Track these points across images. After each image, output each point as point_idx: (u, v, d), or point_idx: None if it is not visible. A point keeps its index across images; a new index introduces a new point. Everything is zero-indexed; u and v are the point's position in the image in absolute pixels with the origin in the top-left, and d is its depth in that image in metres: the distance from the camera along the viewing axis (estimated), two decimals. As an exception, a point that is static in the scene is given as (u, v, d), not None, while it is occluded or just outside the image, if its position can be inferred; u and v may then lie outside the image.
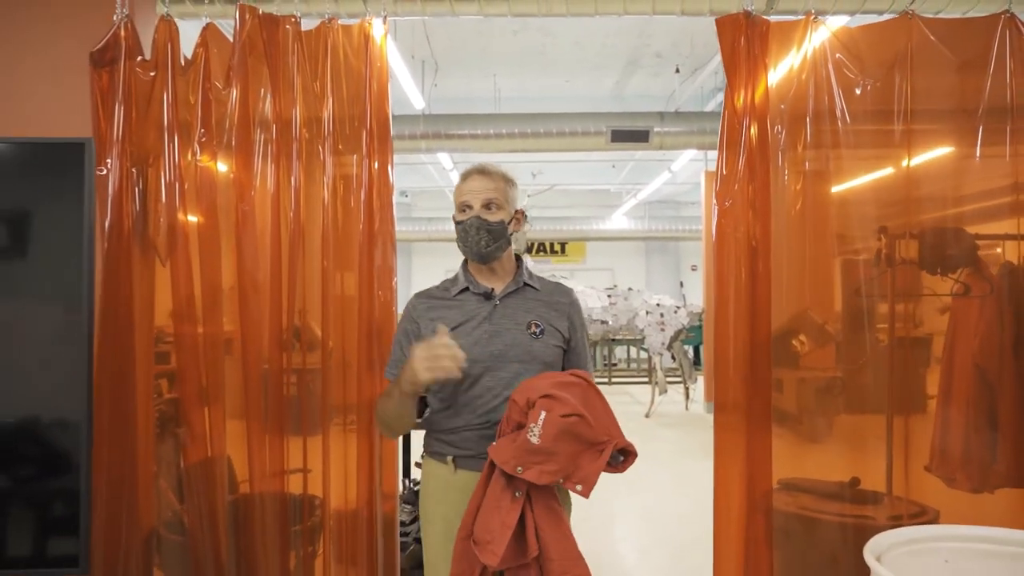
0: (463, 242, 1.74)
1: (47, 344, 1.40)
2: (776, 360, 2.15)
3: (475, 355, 1.66)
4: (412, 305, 1.81)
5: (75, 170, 1.41)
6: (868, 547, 1.50)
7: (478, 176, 1.77)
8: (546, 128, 6.74)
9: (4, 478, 1.38)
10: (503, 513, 1.49)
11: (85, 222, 1.42)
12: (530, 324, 1.73)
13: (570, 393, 1.52)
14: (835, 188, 2.06)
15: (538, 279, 1.85)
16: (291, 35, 1.95)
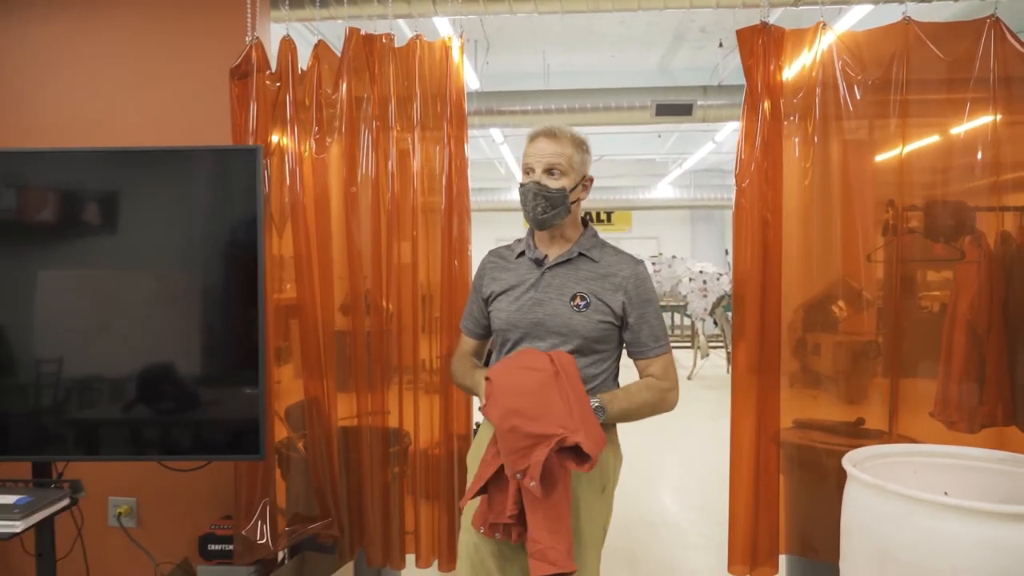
0: (524, 206, 1.71)
1: (234, 302, 1.91)
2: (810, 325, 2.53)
3: (516, 320, 1.70)
4: (484, 262, 1.87)
5: (249, 168, 1.90)
6: (846, 458, 1.91)
7: (545, 139, 1.70)
8: (592, 103, 7.05)
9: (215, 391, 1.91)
10: (483, 466, 1.55)
11: (258, 209, 1.91)
12: (575, 296, 1.68)
13: (520, 379, 1.51)
14: (841, 168, 2.41)
15: (604, 248, 1.79)
16: (387, 49, 2.40)
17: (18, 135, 2.73)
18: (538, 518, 1.46)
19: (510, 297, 1.74)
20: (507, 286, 1.76)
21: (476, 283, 1.87)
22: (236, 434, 1.95)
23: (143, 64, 2.68)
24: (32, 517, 1.78)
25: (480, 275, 1.86)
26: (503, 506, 1.50)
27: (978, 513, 1.53)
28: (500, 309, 1.76)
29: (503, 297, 1.76)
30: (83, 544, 2.24)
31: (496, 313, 1.77)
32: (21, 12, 2.74)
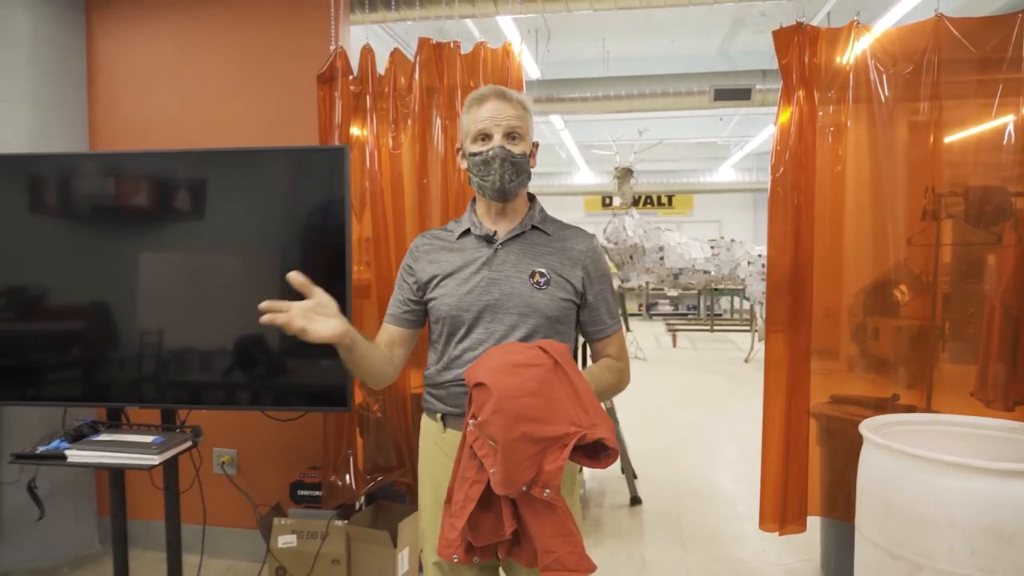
0: (481, 176, 1.55)
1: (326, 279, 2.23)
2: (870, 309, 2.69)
3: (468, 304, 1.55)
4: (415, 245, 1.68)
5: (338, 165, 2.23)
6: (863, 424, 2.10)
7: (498, 101, 1.56)
8: (651, 89, 7.18)
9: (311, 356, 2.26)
10: (468, 486, 1.37)
11: (346, 201, 2.23)
12: (534, 273, 1.55)
13: (519, 379, 1.31)
14: (873, 157, 2.57)
15: (554, 222, 1.67)
16: (454, 54, 2.68)
17: (135, 134, 3.16)
18: (544, 526, 1.33)
19: (457, 279, 1.57)
20: (452, 268, 1.59)
21: (404, 267, 1.67)
22: (327, 392, 2.30)
23: (239, 71, 3.06)
24: (166, 453, 2.17)
25: (412, 258, 1.66)
26: (496, 525, 1.36)
27: (973, 469, 1.72)
28: (446, 294, 1.57)
29: (448, 280, 1.58)
30: (200, 483, 2.65)
31: (441, 299, 1.58)
32: (136, 29, 3.16)
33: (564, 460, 1.27)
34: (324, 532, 2.81)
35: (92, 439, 2.23)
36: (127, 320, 2.38)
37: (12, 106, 2.98)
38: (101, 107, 3.20)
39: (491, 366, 1.35)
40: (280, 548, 2.84)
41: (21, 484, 3.01)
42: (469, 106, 1.60)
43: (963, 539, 1.71)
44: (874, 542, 1.93)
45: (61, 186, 2.45)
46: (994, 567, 1.68)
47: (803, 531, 2.61)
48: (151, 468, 2.13)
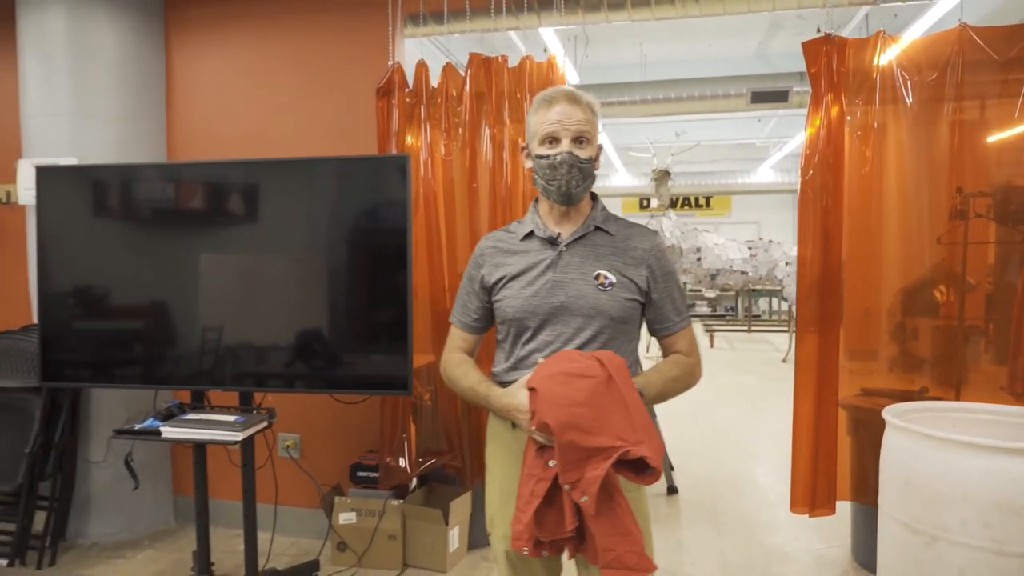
0: (548, 180, 1.56)
1: (390, 276, 2.49)
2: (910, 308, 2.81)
3: (534, 307, 1.56)
4: (479, 250, 1.70)
5: (400, 171, 2.46)
6: (886, 410, 2.25)
7: (567, 104, 1.55)
8: (689, 92, 7.30)
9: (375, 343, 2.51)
10: (533, 482, 1.42)
11: (407, 202, 2.47)
12: (599, 274, 1.56)
13: (570, 388, 1.37)
14: (901, 160, 2.70)
15: (617, 221, 1.66)
16: (502, 67, 2.90)
17: (209, 144, 3.45)
18: (603, 524, 1.37)
19: (522, 282, 1.59)
20: (517, 271, 1.60)
21: (472, 272, 1.70)
22: (389, 377, 2.54)
23: (304, 84, 3.32)
24: (247, 431, 2.43)
25: (477, 263, 1.69)
26: (559, 520, 1.40)
27: (985, 448, 1.86)
28: (511, 296, 1.60)
29: (513, 283, 1.60)
30: (272, 461, 2.91)
31: (506, 301, 1.61)
32: (210, 47, 3.45)
33: (603, 471, 1.32)
34: (381, 510, 3.04)
35: (181, 418, 2.50)
36: (214, 315, 2.66)
37: (100, 121, 3.29)
38: (178, 120, 3.50)
39: (546, 373, 1.41)
40: (341, 524, 3.09)
41: (107, 464, 3.32)
42: (537, 107, 1.59)
43: (976, 513, 1.85)
44: (894, 518, 2.08)
45: (155, 194, 2.74)
46: (1005, 538, 1.82)
47: (832, 514, 2.76)
48: (235, 444, 2.38)
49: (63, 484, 3.20)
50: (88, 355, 2.75)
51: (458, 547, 3.10)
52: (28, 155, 3.30)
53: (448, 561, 3.04)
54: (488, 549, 3.24)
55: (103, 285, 2.75)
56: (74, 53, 3.22)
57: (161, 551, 3.31)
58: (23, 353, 3.15)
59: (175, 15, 3.47)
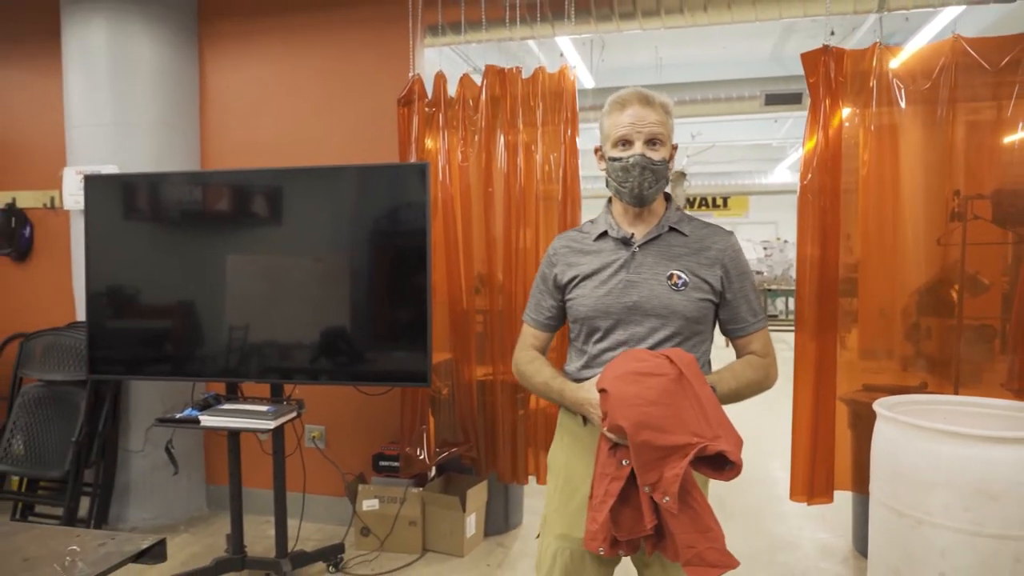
0: (620, 182, 1.58)
1: (410, 277, 2.66)
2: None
3: (607, 306, 1.58)
4: (554, 247, 1.73)
5: (421, 178, 2.64)
6: (877, 402, 2.37)
7: (640, 106, 1.55)
8: (703, 95, 7.39)
9: (396, 339, 2.69)
10: (607, 482, 1.42)
11: (427, 207, 2.64)
12: (672, 275, 1.57)
13: (641, 388, 1.37)
14: (896, 164, 2.82)
15: (690, 221, 1.67)
16: (516, 78, 3.06)
17: (240, 153, 3.65)
18: (683, 521, 1.36)
19: (595, 281, 1.61)
20: (590, 270, 1.63)
21: (545, 271, 1.73)
22: (410, 371, 2.71)
23: (329, 95, 3.51)
24: (279, 420, 2.62)
25: (550, 262, 1.72)
26: (637, 519, 1.40)
27: (965, 437, 1.98)
28: (584, 295, 1.63)
29: (586, 282, 1.63)
30: (301, 450, 3.10)
31: (580, 300, 1.63)
32: (241, 60, 3.65)
33: (683, 469, 1.31)
34: (402, 497, 3.22)
35: (217, 408, 2.70)
36: (248, 312, 2.85)
37: (139, 130, 3.49)
38: (211, 128, 3.70)
39: (615, 374, 1.42)
40: (364, 511, 3.26)
41: (145, 453, 3.54)
42: (610, 110, 1.60)
43: (957, 497, 1.98)
44: (884, 503, 2.21)
45: (192, 200, 2.94)
46: (983, 520, 1.94)
47: (830, 502, 2.88)
48: (268, 431, 2.57)
49: (105, 471, 3.41)
50: (130, 351, 2.97)
51: (475, 533, 3.27)
52: (72, 163, 3.53)
53: (465, 546, 3.20)
54: (505, 535, 3.43)
55: (144, 286, 2.96)
56: (115, 67, 3.43)
57: (196, 535, 3.51)
58: (69, 349, 3.37)
59: (208, 29, 3.67)
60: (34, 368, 3.45)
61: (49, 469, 3.27)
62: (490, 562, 3.17)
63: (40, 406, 3.36)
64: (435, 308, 3.25)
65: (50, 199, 3.90)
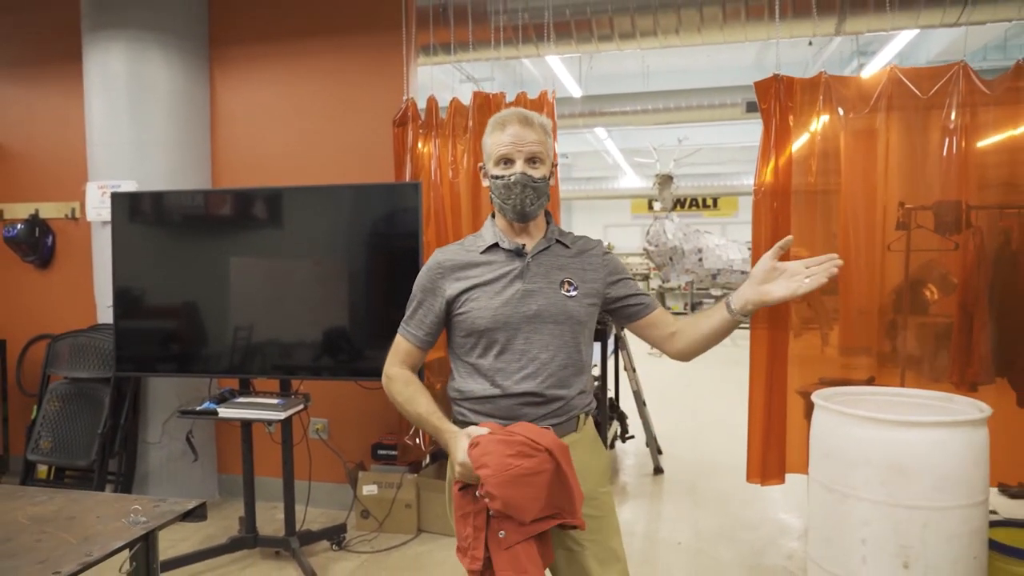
0: (503, 199, 1.63)
1: (406, 279, 2.98)
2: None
3: (506, 317, 1.60)
4: (436, 263, 1.70)
5: (414, 195, 2.96)
6: (815, 393, 2.69)
7: (520, 126, 1.62)
8: (687, 102, 7.71)
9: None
10: (471, 519, 1.51)
11: (419, 221, 2.96)
12: (563, 282, 1.65)
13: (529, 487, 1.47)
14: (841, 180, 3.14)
15: (566, 234, 1.75)
16: (501, 101, 3.38)
17: (249, 169, 3.96)
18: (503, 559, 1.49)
19: (489, 292, 1.63)
20: (483, 281, 1.65)
21: (429, 286, 1.70)
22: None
23: (330, 115, 3.83)
24: (288, 411, 2.94)
25: (432, 278, 1.70)
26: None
27: (881, 421, 2.30)
28: (480, 307, 1.64)
29: (479, 294, 1.64)
30: (307, 441, 3.41)
31: (475, 312, 1.64)
32: (249, 82, 3.96)
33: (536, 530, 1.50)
34: (399, 483, 3.54)
35: (233, 401, 3.01)
36: (260, 315, 3.17)
37: (155, 148, 3.80)
38: (221, 147, 4.02)
39: (502, 478, 1.44)
40: (364, 495, 3.59)
41: (162, 444, 3.85)
42: (492, 129, 1.67)
43: (876, 474, 2.30)
44: (819, 481, 2.53)
45: (207, 215, 3.26)
46: (897, 493, 2.26)
47: (781, 483, 3.21)
48: (279, 421, 2.89)
49: (127, 461, 3.73)
50: (152, 350, 3.29)
51: (465, 515, 3.59)
52: (94, 178, 3.84)
53: (456, 527, 3.53)
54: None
55: (164, 291, 3.28)
56: (133, 90, 3.74)
57: (210, 519, 3.82)
58: (94, 349, 3.69)
59: (218, 54, 3.98)
60: (61, 367, 3.76)
61: (77, 459, 3.58)
62: (479, 541, 3.49)
63: (67, 401, 3.68)
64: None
65: (71, 210, 4.21)
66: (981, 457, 2.32)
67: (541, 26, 3.72)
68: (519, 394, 1.60)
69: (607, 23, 3.83)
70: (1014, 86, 2.91)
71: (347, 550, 3.40)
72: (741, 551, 3.37)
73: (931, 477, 2.24)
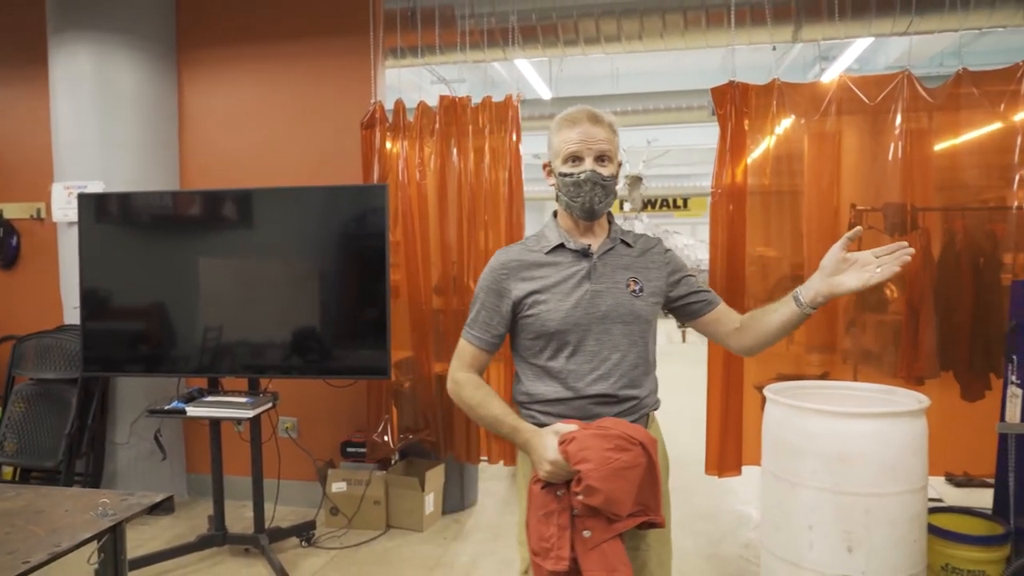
0: (572, 197, 1.62)
1: (371, 282, 3.05)
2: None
3: (577, 319, 1.59)
4: (501, 264, 1.68)
5: (381, 196, 3.02)
6: (767, 388, 2.80)
7: (589, 124, 1.61)
8: (655, 105, 7.83)
9: (360, 336, 3.08)
10: (555, 518, 1.49)
11: (386, 226, 3.02)
12: (629, 282, 1.64)
13: (625, 481, 1.48)
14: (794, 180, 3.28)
15: (630, 234, 1.75)
16: (467, 107, 3.46)
17: (217, 171, 3.98)
18: (592, 559, 1.48)
19: (559, 294, 1.62)
20: (551, 283, 1.63)
21: (494, 287, 1.67)
22: (372, 366, 3.10)
23: (298, 118, 3.87)
24: (256, 409, 2.98)
25: (499, 277, 1.67)
26: None
27: (827, 413, 2.42)
28: (550, 309, 1.62)
29: (549, 296, 1.62)
30: (276, 439, 3.45)
31: (545, 314, 1.62)
32: (217, 86, 3.99)
33: (621, 528, 1.50)
34: (368, 480, 3.59)
35: (202, 400, 3.05)
36: (229, 315, 3.21)
37: (122, 149, 3.80)
38: (189, 148, 4.03)
39: (604, 472, 1.44)
40: (334, 492, 3.63)
41: (130, 444, 3.86)
42: (560, 127, 1.65)
43: (822, 463, 2.41)
44: (770, 471, 2.64)
45: (174, 216, 3.28)
46: (841, 481, 2.38)
47: (738, 475, 3.33)
48: (247, 420, 2.93)
49: (95, 461, 3.73)
50: (120, 350, 3.30)
51: (433, 510, 3.66)
52: (60, 179, 3.83)
53: (424, 522, 3.59)
54: (461, 513, 3.81)
55: (131, 291, 3.30)
56: (99, 92, 3.74)
57: (178, 519, 3.84)
58: (60, 350, 3.68)
59: (185, 57, 4.00)
60: (27, 368, 3.75)
61: (43, 460, 3.58)
62: (446, 535, 3.56)
63: (33, 402, 3.67)
64: (399, 308, 3.64)
65: (36, 211, 4.19)
66: (920, 446, 2.45)
67: (507, 30, 3.79)
68: (593, 396, 1.61)
69: (572, 28, 3.91)
70: (955, 93, 3.06)
71: (316, 546, 3.45)
72: (699, 541, 3.49)
73: (873, 465, 2.36)
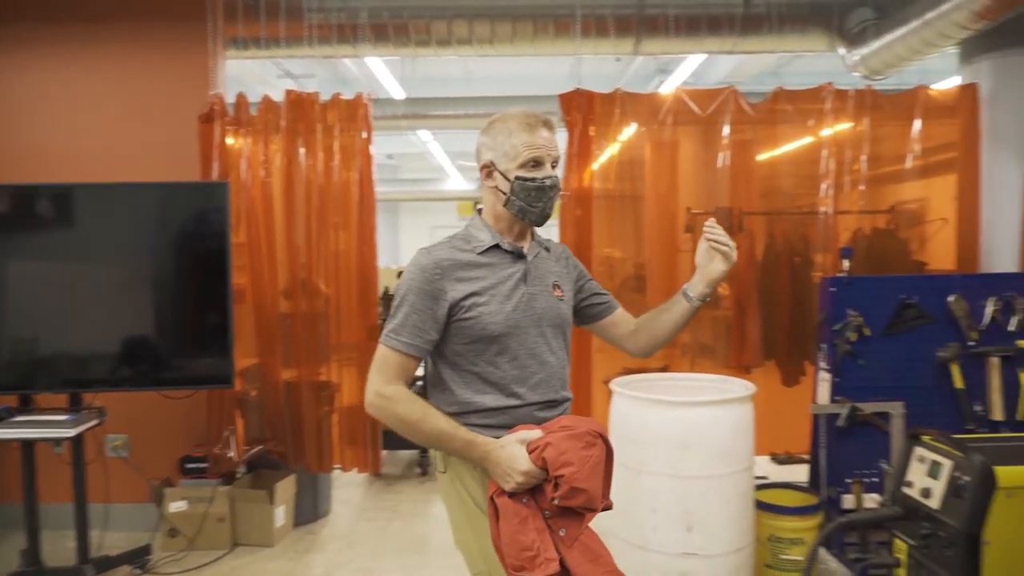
0: (530, 202, 1.55)
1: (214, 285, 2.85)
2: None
3: (517, 321, 1.56)
4: (435, 263, 1.55)
5: (221, 195, 2.84)
6: (612, 381, 2.95)
7: (546, 129, 1.58)
8: (507, 108, 7.99)
9: (200, 344, 2.86)
10: (532, 522, 1.46)
11: (227, 224, 2.84)
12: (554, 286, 1.65)
13: (599, 476, 1.51)
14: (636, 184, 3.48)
15: (543, 239, 1.75)
16: (315, 104, 3.34)
17: (29, 164, 3.56)
18: (576, 553, 1.49)
19: (499, 296, 1.56)
20: (489, 284, 1.56)
21: (426, 288, 1.53)
22: (214, 374, 2.90)
23: (129, 108, 3.56)
24: (78, 428, 2.69)
25: (429, 279, 1.53)
26: None
27: (665, 403, 2.59)
28: (492, 311, 1.54)
29: (488, 298, 1.55)
30: (103, 459, 3.14)
31: (486, 317, 1.54)
32: (24, 69, 3.56)
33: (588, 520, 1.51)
34: (211, 497, 3.37)
35: (10, 420, 2.71)
36: (44, 321, 2.89)
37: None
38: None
39: (585, 472, 1.45)
40: (172, 512, 3.37)
41: (-78, 475, 3.36)
42: (518, 130, 1.56)
43: (663, 450, 2.57)
44: (618, 461, 2.77)
45: None
46: (680, 466, 2.55)
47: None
48: (66, 440, 2.64)
49: None
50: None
51: (284, 523, 3.50)
52: None
53: (275, 536, 3.42)
54: (314, 523, 3.67)
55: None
56: None
57: (-16, 556, 3.39)
58: None
59: (2, 32, 3.54)
60: None
61: None
62: (299, 548, 3.42)
63: None
64: (244, 312, 3.44)
65: None
66: (747, 429, 2.68)
67: (358, 27, 3.71)
68: (537, 402, 1.59)
69: (424, 28, 3.89)
70: (773, 109, 3.39)
71: (152, 572, 3.19)
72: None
73: (707, 449, 2.55)
